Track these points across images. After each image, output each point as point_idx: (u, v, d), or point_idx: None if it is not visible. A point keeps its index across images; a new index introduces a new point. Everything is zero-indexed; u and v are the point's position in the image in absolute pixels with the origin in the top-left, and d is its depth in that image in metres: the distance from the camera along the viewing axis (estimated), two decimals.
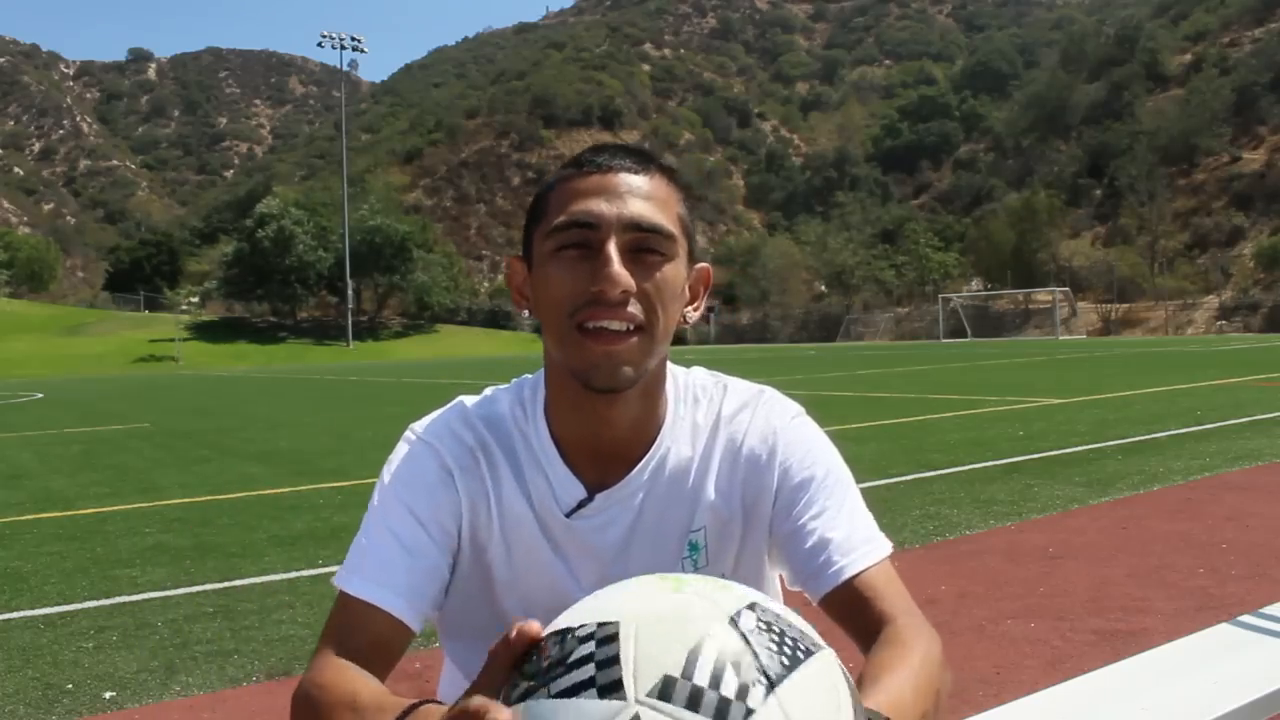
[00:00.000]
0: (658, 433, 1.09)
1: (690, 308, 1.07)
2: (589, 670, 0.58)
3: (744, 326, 73.00)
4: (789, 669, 0.60)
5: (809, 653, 0.62)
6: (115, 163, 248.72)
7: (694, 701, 0.56)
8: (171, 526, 5.94)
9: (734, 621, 0.60)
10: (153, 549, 5.29)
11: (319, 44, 76.25)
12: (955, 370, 20.96)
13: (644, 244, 0.97)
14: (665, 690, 0.56)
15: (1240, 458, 6.80)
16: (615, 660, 0.58)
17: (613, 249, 0.95)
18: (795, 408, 1.15)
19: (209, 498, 7.08)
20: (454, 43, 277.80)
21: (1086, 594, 3.70)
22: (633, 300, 0.96)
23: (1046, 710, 1.38)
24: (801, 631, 0.63)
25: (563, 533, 1.07)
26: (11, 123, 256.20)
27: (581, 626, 0.61)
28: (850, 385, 16.97)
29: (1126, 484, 5.99)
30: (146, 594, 4.34)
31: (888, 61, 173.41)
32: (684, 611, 0.61)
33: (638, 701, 0.56)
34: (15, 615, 4.10)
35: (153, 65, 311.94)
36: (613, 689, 0.57)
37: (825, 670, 0.62)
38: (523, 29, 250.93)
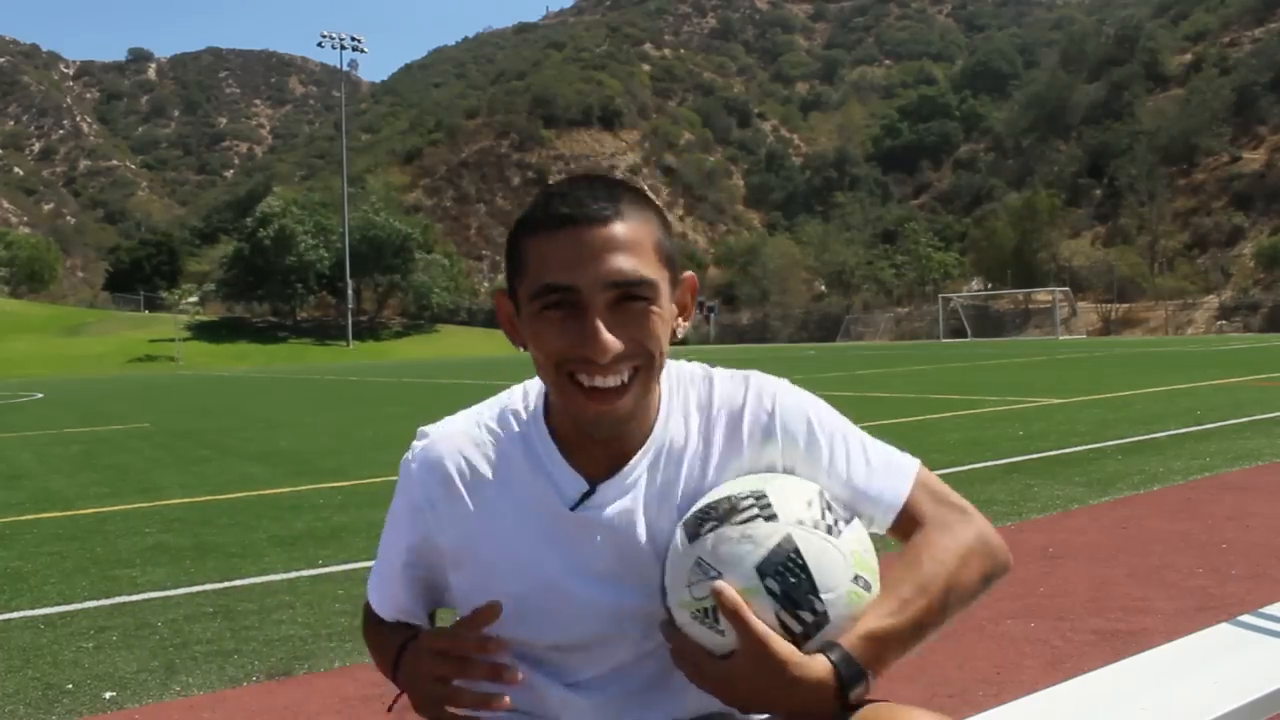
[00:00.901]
0: (654, 421, 1.13)
1: (680, 319, 1.10)
2: (754, 510, 0.99)
3: (744, 326, 72.97)
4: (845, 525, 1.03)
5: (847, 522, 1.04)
6: (115, 163, 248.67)
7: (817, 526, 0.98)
8: (171, 526, 5.94)
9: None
10: (153, 549, 5.29)
11: (319, 44, 76.36)
12: (955, 370, 20.96)
13: (627, 294, 0.99)
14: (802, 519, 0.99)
15: (1240, 458, 6.79)
16: (770, 504, 0.99)
17: (596, 315, 0.98)
18: (784, 381, 1.20)
19: (209, 498, 7.08)
20: (454, 43, 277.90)
21: (1086, 594, 3.70)
22: (621, 356, 1.00)
23: (1046, 710, 1.38)
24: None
25: (567, 526, 1.11)
26: (11, 123, 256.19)
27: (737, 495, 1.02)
28: (850, 385, 16.95)
29: (1126, 484, 5.98)
30: (146, 594, 4.33)
31: (888, 61, 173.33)
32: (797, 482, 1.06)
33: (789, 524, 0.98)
34: (15, 615, 4.09)
35: (153, 65, 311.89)
36: (772, 518, 0.98)
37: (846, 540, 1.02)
38: (523, 29, 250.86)
